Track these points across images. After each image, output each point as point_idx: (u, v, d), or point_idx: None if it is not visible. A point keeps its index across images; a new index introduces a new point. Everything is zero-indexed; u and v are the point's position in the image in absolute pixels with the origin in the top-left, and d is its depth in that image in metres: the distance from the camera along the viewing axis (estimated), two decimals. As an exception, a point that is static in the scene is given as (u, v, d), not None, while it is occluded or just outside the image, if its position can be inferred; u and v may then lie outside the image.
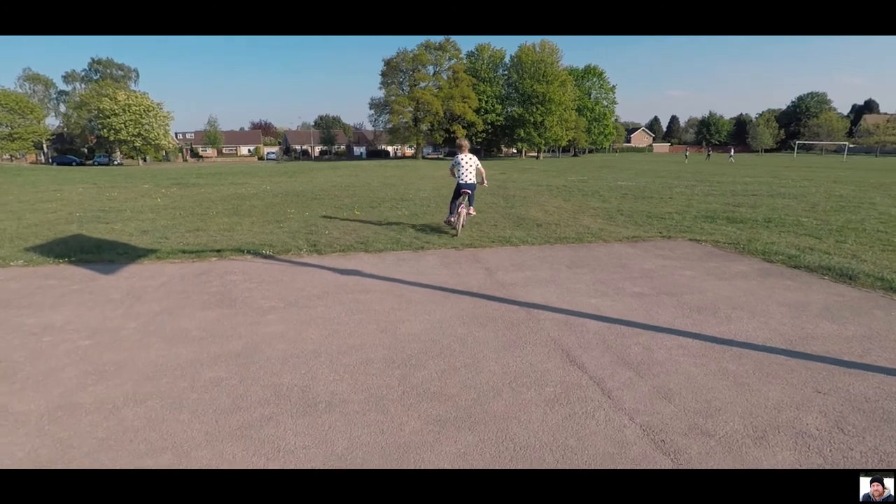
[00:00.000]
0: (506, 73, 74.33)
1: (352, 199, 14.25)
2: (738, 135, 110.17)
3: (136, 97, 65.17)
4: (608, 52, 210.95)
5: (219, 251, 7.16)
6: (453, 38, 72.49)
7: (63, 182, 24.54)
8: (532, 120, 67.58)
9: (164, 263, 6.57)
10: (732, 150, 61.74)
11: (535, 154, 76.05)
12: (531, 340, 3.87)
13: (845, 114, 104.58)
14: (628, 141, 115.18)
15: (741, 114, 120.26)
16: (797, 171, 29.35)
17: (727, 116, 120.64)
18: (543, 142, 70.04)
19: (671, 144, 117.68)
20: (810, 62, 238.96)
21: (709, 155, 61.01)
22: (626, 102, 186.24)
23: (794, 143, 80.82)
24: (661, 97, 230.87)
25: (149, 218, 10.94)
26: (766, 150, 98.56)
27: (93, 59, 79.37)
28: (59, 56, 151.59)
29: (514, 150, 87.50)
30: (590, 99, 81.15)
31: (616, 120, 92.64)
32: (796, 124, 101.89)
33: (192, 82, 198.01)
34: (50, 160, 70.30)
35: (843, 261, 6.29)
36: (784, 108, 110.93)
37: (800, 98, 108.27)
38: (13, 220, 11.02)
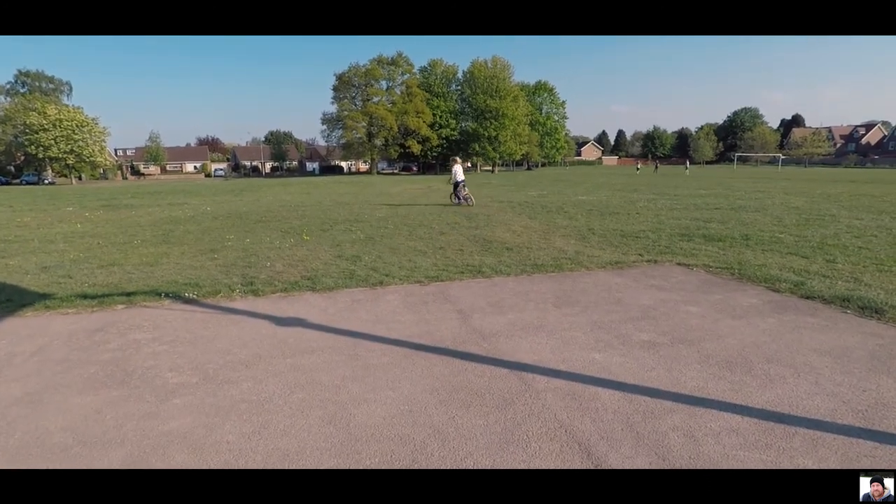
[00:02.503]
0: (459, 88, 74.42)
1: (301, 221, 12.97)
2: (681, 148, 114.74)
3: (69, 112, 60.92)
4: (556, 68, 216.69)
5: (130, 295, 5.83)
6: (406, 53, 72.24)
7: (-28, 205, 21.91)
8: (486, 134, 67.72)
9: (53, 315, 5.20)
10: (688, 163, 64.27)
11: (490, 168, 76.17)
12: (534, 429, 2.86)
13: (775, 127, 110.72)
14: (579, 154, 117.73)
15: (682, 128, 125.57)
16: (743, 182, 30.07)
17: (670, 130, 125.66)
18: (498, 156, 70.31)
19: (619, 157, 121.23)
20: (739, 78, 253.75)
21: (657, 167, 62.46)
22: (576, 117, 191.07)
23: (734, 156, 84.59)
24: (607, 112, 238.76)
25: (58, 249, 9.34)
26: (707, 162, 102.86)
27: (19, 71, 74.03)
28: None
29: (469, 165, 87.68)
30: (541, 114, 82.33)
31: (567, 134, 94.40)
32: (733, 137, 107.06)
33: (133, 97, 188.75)
34: (-31, 180, 64.56)
35: (851, 287, 5.65)
36: (721, 122, 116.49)
37: (735, 113, 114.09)
38: None
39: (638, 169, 57.99)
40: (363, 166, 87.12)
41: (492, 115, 67.34)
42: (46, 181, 62.19)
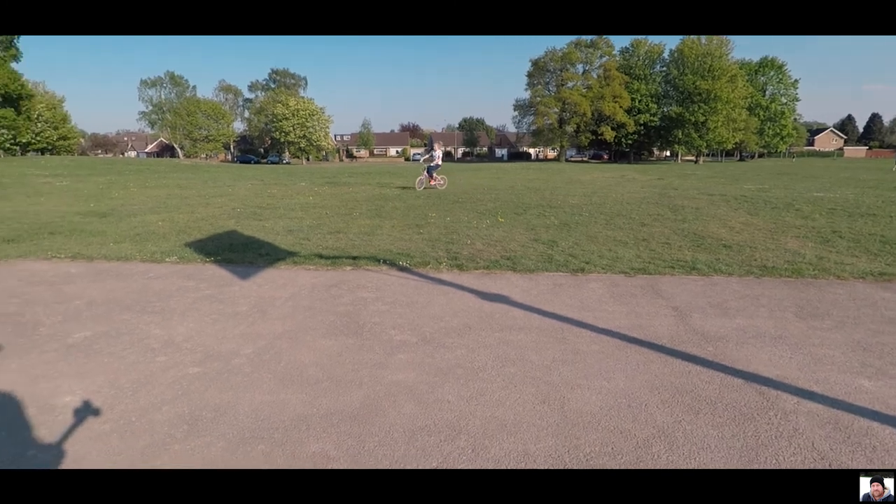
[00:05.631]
0: (664, 69, 68.29)
1: (495, 204, 13.31)
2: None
3: (304, 102, 72.20)
4: (789, 42, 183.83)
5: (355, 258, 6.61)
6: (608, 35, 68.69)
7: (237, 178, 27.38)
8: (693, 120, 61.16)
9: (299, 270, 6.16)
10: None
11: (693, 158, 68.78)
12: (786, 455, 2.42)
13: None
14: (810, 144, 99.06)
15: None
16: None
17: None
18: (705, 144, 63.04)
19: (869, 148, 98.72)
20: None
21: None
22: (810, 99, 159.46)
23: None
24: (857, 92, 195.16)
25: (297, 216, 11.10)
26: None
27: (272, 70, 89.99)
28: (247, 66, 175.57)
29: (667, 154, 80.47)
30: (764, 96, 71.14)
31: (796, 120, 80.00)
32: None
33: (350, 87, 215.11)
34: (234, 159, 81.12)
35: None
36: None
37: None
38: (187, 212, 11.97)
39: (897, 163, 45.93)
40: (551, 153, 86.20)
41: (701, 97, 60.45)
42: (285, 161, 74.88)
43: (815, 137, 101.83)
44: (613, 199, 14.70)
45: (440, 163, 17.52)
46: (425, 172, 17.50)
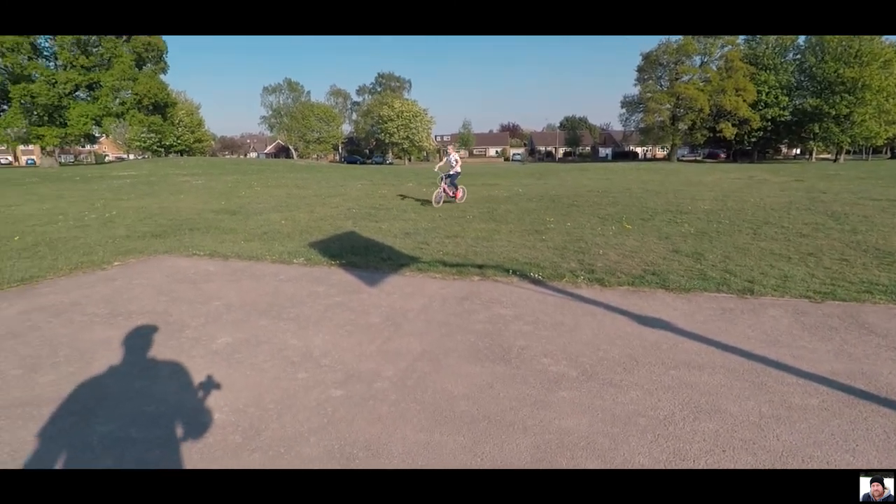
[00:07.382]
0: (798, 56, 61.06)
1: (615, 208, 12.32)
2: None
3: (408, 104, 74.09)
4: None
5: (480, 267, 6.20)
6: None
7: (347, 178, 28.47)
8: (833, 113, 53.95)
9: (425, 277, 5.86)
10: None
11: (832, 156, 60.86)
12: None
13: None
14: None
15: None
16: None
17: None
18: (848, 140, 55.43)
19: None
20: None
21: None
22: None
23: None
24: None
25: (411, 218, 11.00)
26: None
27: (379, 74, 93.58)
28: (356, 70, 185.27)
29: (797, 152, 72.22)
30: (927, 83, 61.03)
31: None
32: None
33: (450, 87, 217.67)
34: (342, 159, 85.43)
35: None
36: None
37: None
38: (307, 212, 12.38)
39: None
40: (660, 152, 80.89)
41: (845, 87, 53.09)
42: (388, 162, 77.45)
43: None
44: (753, 205, 13.04)
45: (459, 170, 14.50)
46: (443, 183, 14.23)
